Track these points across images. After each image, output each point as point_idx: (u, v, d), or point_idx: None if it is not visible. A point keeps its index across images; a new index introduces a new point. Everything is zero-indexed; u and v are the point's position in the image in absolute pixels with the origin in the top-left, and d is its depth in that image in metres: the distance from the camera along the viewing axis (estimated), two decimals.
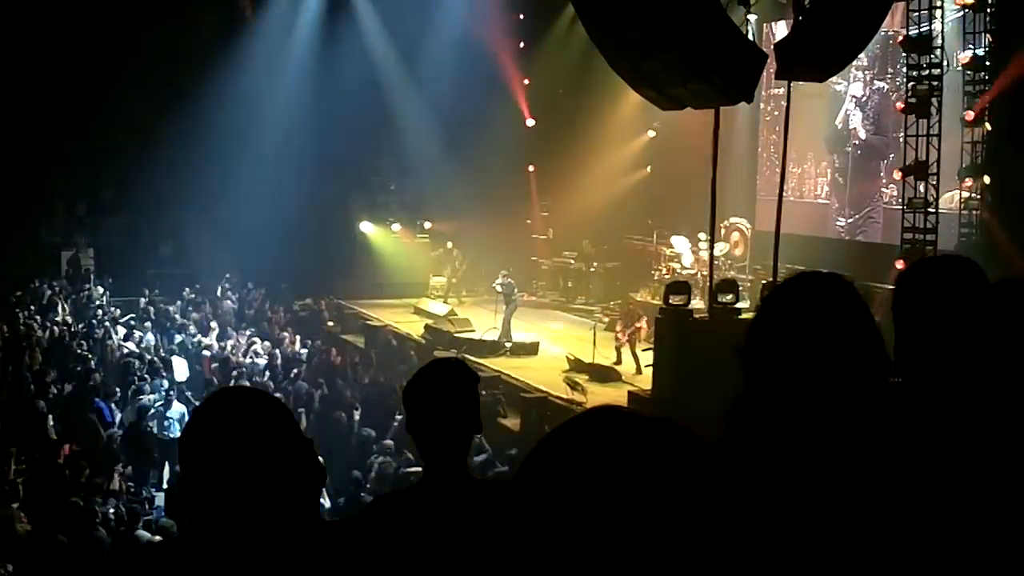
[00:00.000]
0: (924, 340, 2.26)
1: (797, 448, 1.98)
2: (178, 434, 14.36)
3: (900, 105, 17.16)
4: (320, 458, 8.82)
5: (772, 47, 14.29)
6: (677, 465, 1.07)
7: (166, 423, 14.80)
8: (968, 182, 17.12)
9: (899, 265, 16.11)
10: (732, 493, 1.09)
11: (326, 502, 11.81)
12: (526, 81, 27.79)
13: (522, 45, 27.60)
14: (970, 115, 16.74)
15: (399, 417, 14.25)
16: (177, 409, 15.14)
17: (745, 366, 2.13)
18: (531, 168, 28.37)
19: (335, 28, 27.03)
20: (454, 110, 25.75)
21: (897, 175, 17.28)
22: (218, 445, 1.89)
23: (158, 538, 9.48)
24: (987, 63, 16.75)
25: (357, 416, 15.54)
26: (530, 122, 27.86)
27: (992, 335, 2.13)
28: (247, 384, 15.33)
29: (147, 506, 12.21)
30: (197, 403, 11.51)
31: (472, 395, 3.11)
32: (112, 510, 10.65)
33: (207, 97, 25.33)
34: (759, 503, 1.75)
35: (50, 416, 14.40)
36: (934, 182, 16.60)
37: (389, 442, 13.20)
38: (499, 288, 21.11)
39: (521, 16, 27.40)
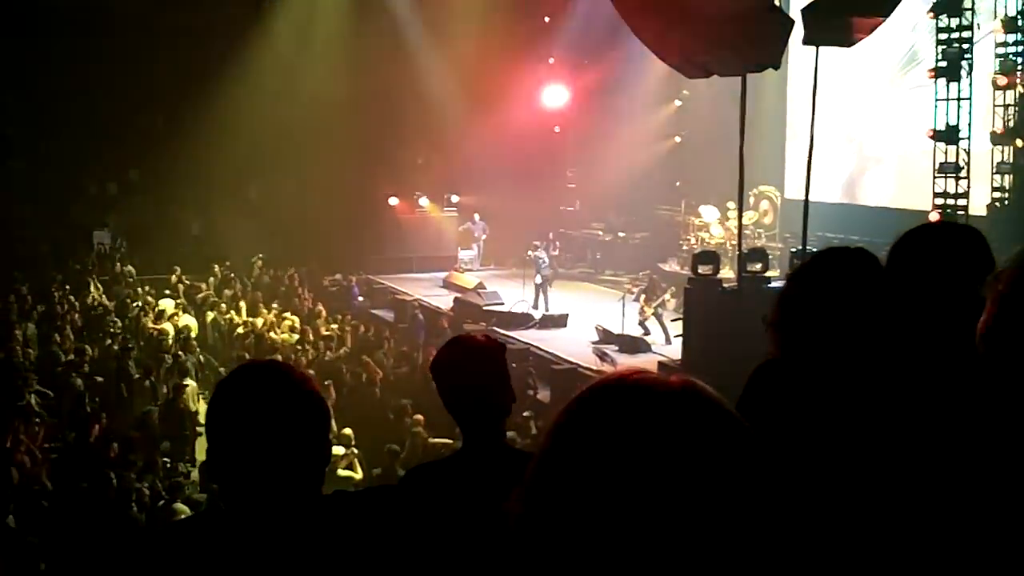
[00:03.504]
0: (913, 310, 2.24)
1: (814, 415, 1.99)
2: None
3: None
4: (350, 430, 8.81)
5: (800, 12, 14.13)
6: (699, 429, 1.07)
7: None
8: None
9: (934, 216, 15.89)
10: (754, 457, 1.09)
11: (358, 474, 11.90)
12: (551, 59, 27.68)
13: (547, 19, 27.42)
14: (1002, 79, 16.50)
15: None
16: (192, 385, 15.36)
17: (773, 336, 2.16)
18: (557, 128, 28.29)
19: (362, 2, 26.96)
20: (481, 83, 25.67)
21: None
22: (242, 418, 1.92)
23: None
24: (1019, 24, 16.50)
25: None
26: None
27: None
28: (279, 359, 15.42)
29: (186, 481, 12.36)
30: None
31: (500, 365, 3.11)
32: (148, 486, 10.78)
33: (235, 75, 25.41)
34: (780, 469, 1.75)
35: (86, 393, 14.59)
36: (965, 146, 16.40)
37: (419, 417, 13.20)
38: (532, 259, 21.27)
39: None
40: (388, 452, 11.87)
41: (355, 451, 12.21)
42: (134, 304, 20.91)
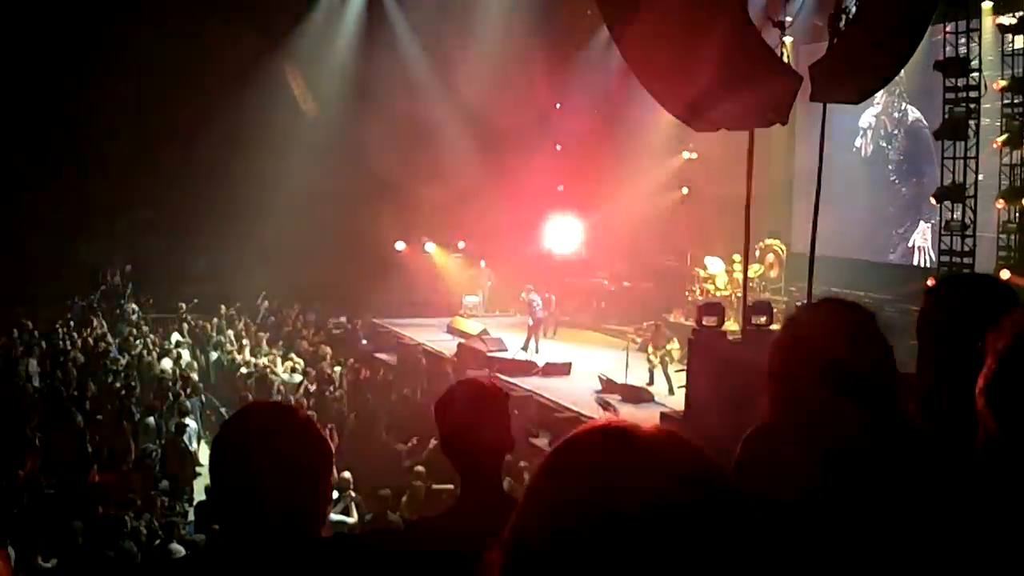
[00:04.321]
0: (945, 359, 2.22)
1: (804, 474, 1.97)
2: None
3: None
4: (349, 473, 8.80)
5: (807, 68, 14.24)
6: (679, 472, 1.09)
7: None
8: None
9: (930, 282, 15.94)
10: (733, 503, 1.10)
11: (351, 518, 11.83)
12: (558, 105, 27.93)
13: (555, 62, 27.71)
14: (998, 143, 16.60)
15: (433, 442, 14.23)
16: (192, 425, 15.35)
17: (767, 386, 2.14)
18: (560, 188, 28.51)
19: (371, 47, 27.23)
20: (489, 130, 25.85)
21: (932, 199, 17.14)
22: (244, 458, 1.93)
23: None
24: None
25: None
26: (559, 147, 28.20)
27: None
28: (280, 400, 15.40)
29: (182, 520, 12.29)
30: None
31: (503, 411, 3.12)
32: (144, 524, 10.72)
33: (244, 116, 25.60)
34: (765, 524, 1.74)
35: (87, 430, 14.55)
36: (972, 205, 16.44)
37: (421, 469, 13.08)
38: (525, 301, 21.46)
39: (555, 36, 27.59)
40: (379, 498, 11.79)
41: (352, 495, 12.15)
42: (137, 342, 20.94)
